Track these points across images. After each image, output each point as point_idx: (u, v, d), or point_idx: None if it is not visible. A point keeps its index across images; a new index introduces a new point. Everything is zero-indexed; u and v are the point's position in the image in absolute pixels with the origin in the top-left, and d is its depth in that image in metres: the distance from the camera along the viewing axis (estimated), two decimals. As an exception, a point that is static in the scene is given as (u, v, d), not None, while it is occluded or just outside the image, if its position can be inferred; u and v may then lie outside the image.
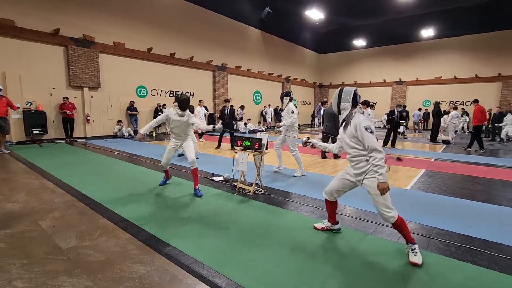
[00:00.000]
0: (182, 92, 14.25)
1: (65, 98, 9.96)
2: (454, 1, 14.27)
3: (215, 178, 5.08)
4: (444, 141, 11.48)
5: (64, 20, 10.01)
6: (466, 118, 16.58)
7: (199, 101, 10.82)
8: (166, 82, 13.63)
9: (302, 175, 5.44)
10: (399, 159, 6.54)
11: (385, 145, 9.94)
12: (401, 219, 2.48)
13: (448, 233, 2.99)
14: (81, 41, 10.45)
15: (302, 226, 3.12)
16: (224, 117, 8.99)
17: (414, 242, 2.46)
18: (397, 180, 5.29)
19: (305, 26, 19.27)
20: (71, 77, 10.29)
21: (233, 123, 9.89)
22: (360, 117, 2.54)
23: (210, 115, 14.39)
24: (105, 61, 11.27)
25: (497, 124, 13.12)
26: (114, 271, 2.19)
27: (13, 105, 7.59)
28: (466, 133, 16.26)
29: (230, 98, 16.46)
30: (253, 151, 4.28)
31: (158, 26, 12.93)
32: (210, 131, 4.67)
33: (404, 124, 12.69)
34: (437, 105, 11.72)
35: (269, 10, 15.61)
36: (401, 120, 10.23)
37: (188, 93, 14.63)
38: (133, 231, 2.89)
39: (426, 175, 5.72)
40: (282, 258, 2.44)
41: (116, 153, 7.69)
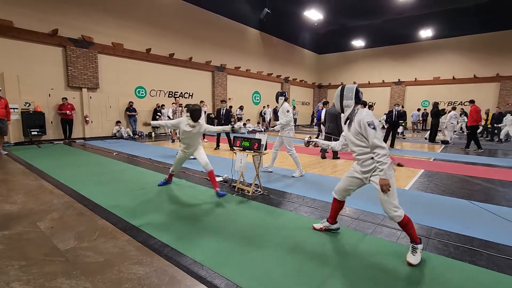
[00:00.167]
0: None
1: (64, 99, 9.94)
2: (453, 2, 14.32)
3: (214, 179, 5.07)
4: (443, 141, 11.51)
5: (63, 21, 10.00)
6: (465, 118, 16.61)
7: (200, 102, 10.82)
8: (165, 83, 13.61)
9: (301, 175, 5.43)
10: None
11: None
12: (408, 219, 2.44)
13: (447, 233, 2.99)
14: (80, 42, 10.44)
15: (301, 227, 3.12)
16: (220, 118, 8.99)
17: (419, 242, 2.42)
18: (396, 180, 5.26)
19: (304, 27, 19.32)
20: (70, 78, 10.27)
21: (231, 124, 9.86)
22: (363, 112, 2.49)
23: (207, 116, 14.33)
24: (104, 62, 11.25)
25: (497, 125, 13.16)
26: (113, 273, 2.19)
27: (9, 114, 7.51)
28: (465, 133, 16.28)
29: (229, 99, 16.52)
30: (252, 152, 4.28)
31: (157, 27, 12.92)
32: (227, 131, 4.47)
33: (403, 124, 12.70)
34: (436, 106, 11.76)
35: (268, 11, 15.63)
36: (400, 120, 10.23)
37: (187, 94, 14.63)
38: (132, 232, 2.88)
39: (425, 175, 5.73)
40: (281, 259, 2.44)
41: (115, 154, 7.67)
